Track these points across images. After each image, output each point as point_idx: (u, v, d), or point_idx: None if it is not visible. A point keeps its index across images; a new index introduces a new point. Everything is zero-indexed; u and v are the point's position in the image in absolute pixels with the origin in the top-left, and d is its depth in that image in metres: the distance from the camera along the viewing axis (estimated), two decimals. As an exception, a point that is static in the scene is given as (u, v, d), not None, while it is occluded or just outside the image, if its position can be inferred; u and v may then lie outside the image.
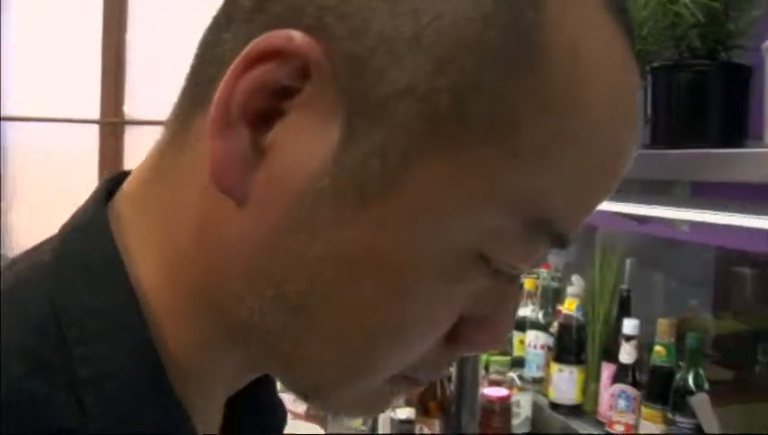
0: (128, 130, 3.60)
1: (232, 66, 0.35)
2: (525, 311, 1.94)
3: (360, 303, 0.37)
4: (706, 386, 1.38)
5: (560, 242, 0.38)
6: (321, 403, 0.43)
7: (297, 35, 0.34)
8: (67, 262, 0.39)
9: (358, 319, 0.38)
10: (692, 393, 1.36)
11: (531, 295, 1.94)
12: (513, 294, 0.41)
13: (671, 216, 1.24)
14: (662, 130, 0.93)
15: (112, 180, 0.43)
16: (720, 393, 1.46)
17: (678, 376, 1.41)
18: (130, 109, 3.59)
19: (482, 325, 0.40)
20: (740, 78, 0.88)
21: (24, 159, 3.49)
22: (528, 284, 1.94)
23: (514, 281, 0.41)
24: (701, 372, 1.39)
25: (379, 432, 1.55)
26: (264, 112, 0.36)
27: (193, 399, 0.39)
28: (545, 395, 1.77)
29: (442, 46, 0.34)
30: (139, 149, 3.56)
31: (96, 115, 3.54)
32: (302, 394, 0.42)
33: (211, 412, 0.44)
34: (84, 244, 0.39)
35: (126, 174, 0.44)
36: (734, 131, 0.87)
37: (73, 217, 0.42)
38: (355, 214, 0.36)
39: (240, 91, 0.35)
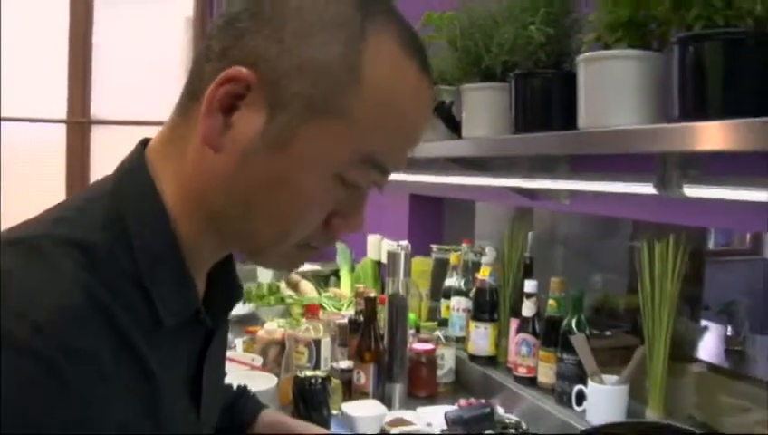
0: (93, 129, 3.80)
1: (213, 84, 0.65)
2: (450, 281, 2.14)
3: (277, 199, 0.67)
4: (587, 330, 1.62)
5: (382, 171, 0.70)
6: (261, 259, 0.74)
7: (244, 70, 0.64)
8: (123, 188, 0.69)
9: (276, 207, 0.68)
10: (574, 334, 1.59)
11: (455, 268, 2.13)
12: (362, 198, 0.72)
13: (553, 187, 1.53)
14: (520, 120, 1.25)
15: (143, 142, 0.74)
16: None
17: (565, 322, 1.64)
18: (96, 109, 3.79)
19: (343, 216, 0.71)
20: (576, 83, 1.17)
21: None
22: (453, 258, 2.15)
23: (361, 191, 0.71)
24: (582, 317, 1.63)
25: (321, 368, 1.81)
26: (230, 106, 0.66)
27: (191, 269, 0.70)
28: (465, 350, 1.99)
29: (312, 73, 0.65)
30: (104, 146, 3.77)
31: (64, 115, 3.74)
32: (249, 254, 0.73)
33: (198, 281, 0.73)
34: (132, 177, 0.70)
35: (149, 139, 0.74)
36: (571, 120, 1.16)
37: (124, 161, 0.72)
38: (274, 156, 0.66)
39: (217, 97, 0.65)
